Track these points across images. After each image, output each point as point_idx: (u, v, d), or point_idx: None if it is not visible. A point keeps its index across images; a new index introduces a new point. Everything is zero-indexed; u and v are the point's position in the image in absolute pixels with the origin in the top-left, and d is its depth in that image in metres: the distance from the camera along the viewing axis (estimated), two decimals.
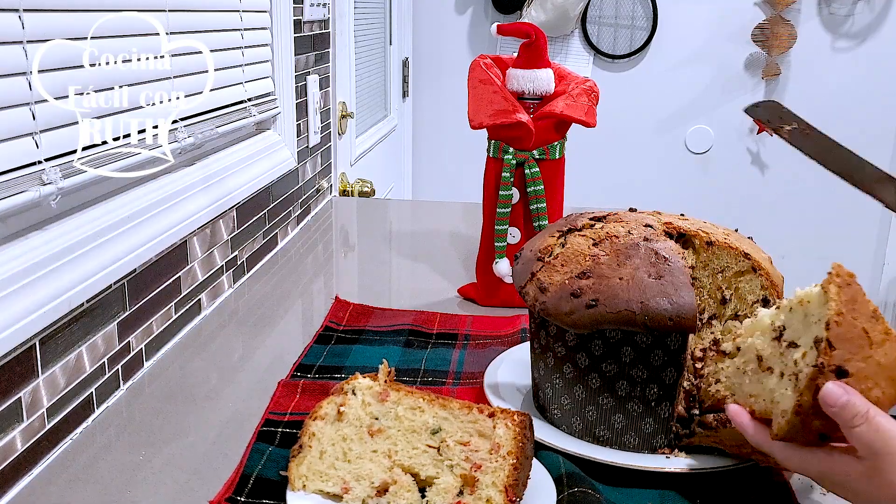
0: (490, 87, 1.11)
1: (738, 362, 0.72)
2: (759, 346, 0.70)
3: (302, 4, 1.51)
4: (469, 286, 1.21)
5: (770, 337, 0.69)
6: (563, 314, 0.75)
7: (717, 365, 0.75)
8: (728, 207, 2.80)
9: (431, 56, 2.84)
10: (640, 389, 0.75)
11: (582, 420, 0.78)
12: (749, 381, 0.70)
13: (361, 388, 0.72)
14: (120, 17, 0.86)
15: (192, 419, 0.86)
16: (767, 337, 0.70)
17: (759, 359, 0.70)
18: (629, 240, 0.77)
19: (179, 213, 1.03)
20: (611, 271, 0.74)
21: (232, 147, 1.25)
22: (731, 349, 0.74)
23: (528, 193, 1.12)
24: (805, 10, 2.66)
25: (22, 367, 0.73)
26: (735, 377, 0.72)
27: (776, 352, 0.68)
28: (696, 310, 0.73)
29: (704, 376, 0.76)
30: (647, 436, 0.76)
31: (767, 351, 0.69)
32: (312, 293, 1.29)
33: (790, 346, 0.66)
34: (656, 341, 0.74)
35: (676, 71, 2.75)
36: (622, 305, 0.72)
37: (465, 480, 0.67)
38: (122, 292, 0.91)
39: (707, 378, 0.76)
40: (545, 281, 0.78)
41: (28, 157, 0.74)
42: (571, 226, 0.82)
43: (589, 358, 0.76)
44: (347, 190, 1.91)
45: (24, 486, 0.73)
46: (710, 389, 0.75)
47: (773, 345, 0.68)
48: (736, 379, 0.72)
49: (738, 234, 0.85)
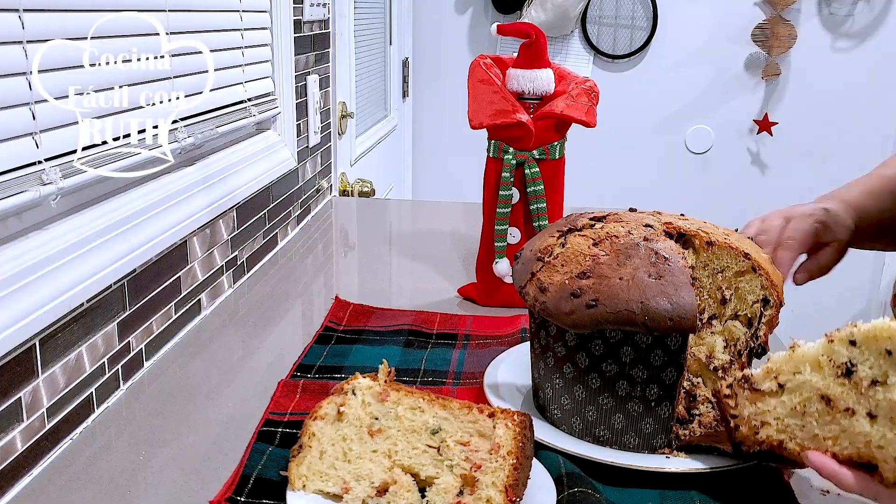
0: (490, 87, 1.11)
1: (791, 402, 0.67)
2: (818, 384, 0.65)
3: (302, 4, 1.51)
4: (469, 286, 1.21)
5: (832, 374, 0.65)
6: (564, 314, 0.75)
7: (758, 405, 0.69)
8: (728, 207, 2.80)
9: (431, 56, 2.84)
10: (640, 389, 0.75)
11: (582, 420, 0.78)
12: (818, 423, 0.66)
13: (361, 388, 0.72)
14: (120, 17, 0.86)
15: (192, 419, 0.86)
16: (828, 374, 0.65)
17: (826, 399, 0.65)
18: (629, 240, 0.76)
19: (179, 213, 1.03)
20: (611, 271, 0.74)
21: (232, 147, 1.25)
22: (773, 388, 0.68)
23: (528, 193, 1.12)
24: (805, 10, 2.66)
25: (22, 367, 0.73)
26: (791, 418, 0.67)
27: (850, 391, 0.64)
28: (697, 310, 0.72)
29: (742, 418, 0.70)
30: (648, 436, 0.76)
31: (836, 390, 0.64)
32: (312, 293, 1.29)
33: (873, 384, 0.62)
34: (656, 341, 0.74)
35: (676, 71, 2.75)
36: (622, 305, 0.72)
37: (465, 480, 0.67)
38: (122, 292, 0.91)
39: (747, 420, 0.70)
40: (545, 281, 0.78)
41: (28, 157, 0.74)
42: (571, 226, 0.82)
43: (589, 358, 0.76)
44: (347, 190, 1.91)
45: (24, 486, 0.73)
46: (757, 434, 0.69)
47: (843, 383, 0.64)
48: (793, 420, 0.67)
49: (738, 234, 0.85)
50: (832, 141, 2.74)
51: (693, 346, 0.81)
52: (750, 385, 0.70)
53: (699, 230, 0.81)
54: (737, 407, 0.70)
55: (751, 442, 0.70)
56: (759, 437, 0.69)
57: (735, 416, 0.71)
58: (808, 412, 0.66)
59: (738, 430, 0.71)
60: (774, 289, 0.80)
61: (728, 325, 0.81)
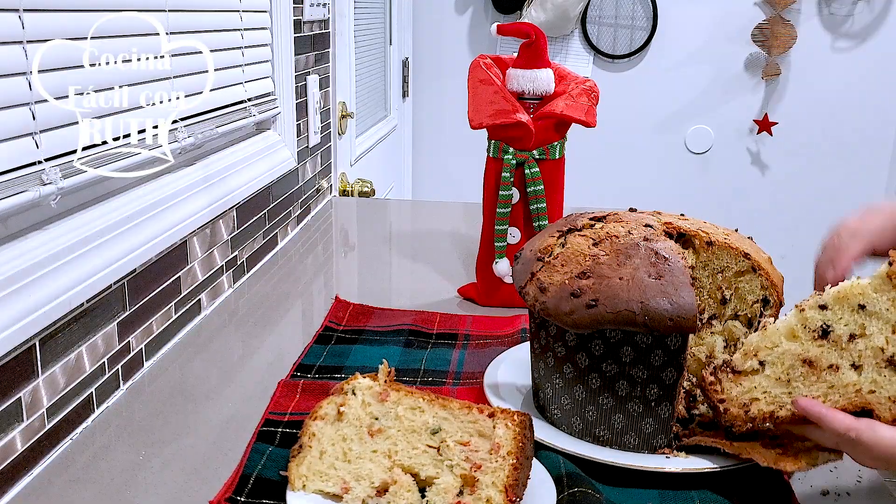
0: (490, 87, 1.11)
1: (775, 373, 0.71)
2: (797, 350, 0.69)
3: (302, 4, 1.51)
4: (469, 286, 1.21)
5: (810, 338, 0.69)
6: (563, 314, 0.75)
7: (743, 384, 0.72)
8: (728, 207, 2.80)
9: (431, 56, 2.84)
10: (640, 389, 0.75)
11: (582, 420, 0.78)
12: (804, 385, 0.69)
13: (361, 388, 0.72)
14: (120, 17, 0.86)
15: (192, 419, 0.86)
16: (805, 340, 0.69)
17: (808, 362, 0.69)
18: (629, 240, 0.76)
19: (179, 213, 1.03)
20: (611, 271, 0.74)
21: (232, 147, 1.25)
22: (754, 366, 0.71)
23: (528, 193, 1.12)
24: (805, 10, 2.66)
25: (22, 367, 0.73)
26: (778, 388, 0.70)
27: (831, 349, 0.68)
28: (697, 310, 0.72)
29: (730, 399, 0.72)
30: (648, 436, 0.76)
31: (816, 352, 0.69)
32: (312, 293, 1.29)
33: (851, 338, 0.67)
34: (656, 341, 0.74)
35: (676, 71, 2.75)
36: (622, 305, 0.72)
37: (465, 480, 0.67)
38: (122, 292, 0.91)
39: (736, 401, 0.72)
40: (545, 281, 0.78)
41: (28, 157, 0.74)
42: (571, 226, 0.82)
43: (589, 358, 0.76)
44: (347, 190, 1.91)
45: (24, 486, 0.73)
46: (748, 412, 0.71)
47: (821, 344, 0.69)
48: (780, 390, 0.70)
49: (738, 234, 0.85)
50: (832, 141, 2.75)
51: (693, 346, 0.81)
52: (732, 368, 0.72)
53: (699, 230, 0.81)
54: (722, 391, 0.73)
55: (742, 420, 0.72)
56: (751, 413, 0.71)
57: (722, 400, 0.73)
58: (793, 377, 0.70)
59: (727, 413, 0.72)
60: (774, 289, 0.80)
61: (728, 325, 0.82)
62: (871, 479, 0.77)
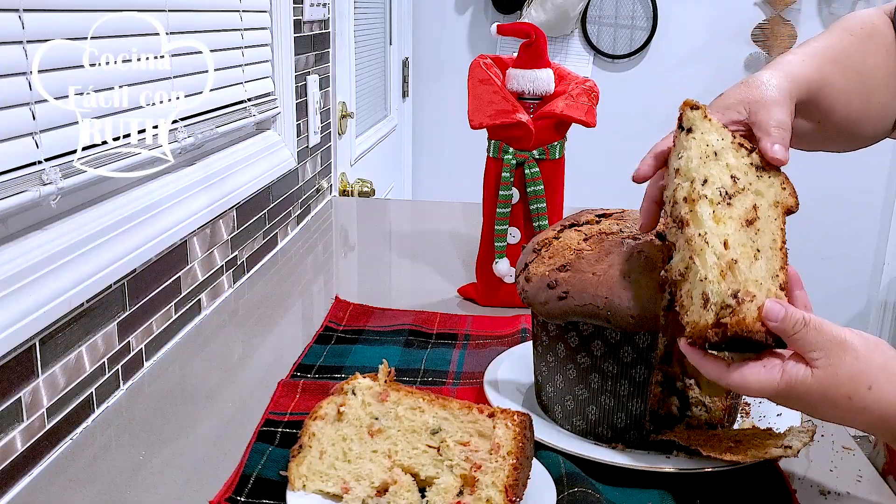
0: (490, 87, 1.11)
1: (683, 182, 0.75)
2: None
3: (302, 4, 1.51)
4: (469, 286, 1.21)
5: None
6: (539, 304, 0.78)
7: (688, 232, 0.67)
8: None
9: (431, 56, 2.84)
10: (611, 384, 0.76)
11: (563, 409, 0.80)
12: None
13: (361, 388, 0.72)
14: (120, 17, 0.86)
15: (192, 419, 0.86)
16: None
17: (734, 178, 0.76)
18: (616, 237, 0.78)
19: (179, 213, 1.03)
20: (588, 266, 0.76)
21: (232, 147, 1.26)
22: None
23: (528, 193, 1.12)
24: (805, 10, 2.66)
25: (22, 367, 0.73)
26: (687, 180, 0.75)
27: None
28: (659, 310, 0.72)
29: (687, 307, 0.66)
30: (621, 430, 0.77)
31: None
32: (312, 293, 1.29)
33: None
34: (625, 338, 0.75)
35: (676, 71, 2.75)
36: (588, 299, 0.74)
37: (465, 480, 0.67)
38: (122, 292, 0.91)
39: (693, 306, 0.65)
40: (532, 271, 0.80)
41: (28, 157, 0.74)
42: (574, 221, 0.83)
43: (566, 349, 0.78)
44: (347, 190, 1.91)
45: (24, 486, 0.73)
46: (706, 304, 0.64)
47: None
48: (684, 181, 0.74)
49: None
50: None
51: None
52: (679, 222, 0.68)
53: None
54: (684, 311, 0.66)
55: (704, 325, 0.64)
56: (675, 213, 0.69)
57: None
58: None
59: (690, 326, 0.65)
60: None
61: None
62: (871, 479, 0.77)
